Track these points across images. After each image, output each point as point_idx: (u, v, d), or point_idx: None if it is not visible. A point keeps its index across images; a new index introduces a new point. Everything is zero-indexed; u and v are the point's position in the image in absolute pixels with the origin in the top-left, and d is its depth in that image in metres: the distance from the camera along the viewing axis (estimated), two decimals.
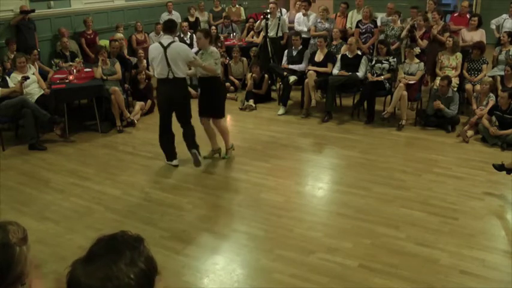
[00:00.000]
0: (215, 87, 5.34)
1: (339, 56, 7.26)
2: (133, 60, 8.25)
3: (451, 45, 7.01)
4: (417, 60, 6.99)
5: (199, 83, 5.48)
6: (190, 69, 5.36)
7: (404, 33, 7.69)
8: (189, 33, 9.13)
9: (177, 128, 5.37)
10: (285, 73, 7.41)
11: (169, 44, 4.95)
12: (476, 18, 7.58)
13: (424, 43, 7.52)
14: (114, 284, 1.05)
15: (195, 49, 6.89)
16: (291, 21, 8.83)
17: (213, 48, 5.33)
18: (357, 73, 6.95)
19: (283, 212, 4.41)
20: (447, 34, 7.39)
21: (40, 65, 7.36)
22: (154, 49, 5.06)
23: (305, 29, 8.37)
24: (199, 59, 5.14)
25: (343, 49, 7.49)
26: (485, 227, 4.16)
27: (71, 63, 7.48)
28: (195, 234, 4.08)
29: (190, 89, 5.72)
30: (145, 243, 1.16)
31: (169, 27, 5.15)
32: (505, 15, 8.13)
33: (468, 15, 8.26)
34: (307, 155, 5.89)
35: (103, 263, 1.08)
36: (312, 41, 8.16)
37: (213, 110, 5.42)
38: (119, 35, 8.61)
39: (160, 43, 5.02)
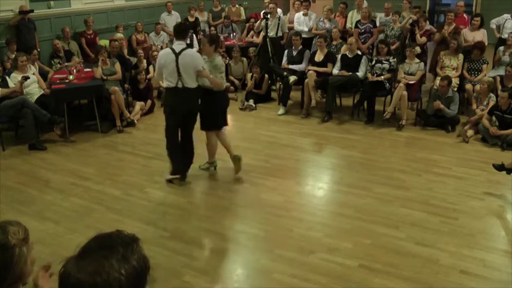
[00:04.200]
0: (215, 99, 4.90)
1: (339, 56, 7.26)
2: (133, 60, 8.25)
3: (455, 47, 7.01)
4: (417, 60, 6.99)
5: (202, 93, 4.87)
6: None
7: (405, 25, 7.70)
8: (188, 34, 9.11)
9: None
10: (285, 73, 7.41)
11: (181, 51, 4.58)
12: (478, 18, 7.56)
13: (423, 40, 7.53)
14: (103, 278, 1.05)
15: (195, 49, 6.84)
16: (291, 21, 8.84)
17: (219, 60, 4.91)
18: (357, 73, 6.95)
19: (283, 212, 4.41)
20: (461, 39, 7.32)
21: (40, 65, 7.36)
22: (165, 56, 4.66)
23: (306, 29, 8.38)
24: (207, 71, 4.71)
25: (343, 49, 7.50)
26: (485, 227, 4.16)
27: (66, 63, 7.49)
28: (195, 234, 4.08)
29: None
30: (140, 242, 1.17)
31: (181, 31, 4.76)
32: (506, 15, 8.12)
33: (465, 16, 8.26)
34: (307, 155, 5.89)
35: (94, 258, 1.09)
36: (315, 40, 8.16)
37: (209, 122, 5.00)
38: (119, 35, 8.62)
39: (173, 49, 4.64)
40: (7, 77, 6.27)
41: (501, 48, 7.39)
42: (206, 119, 4.98)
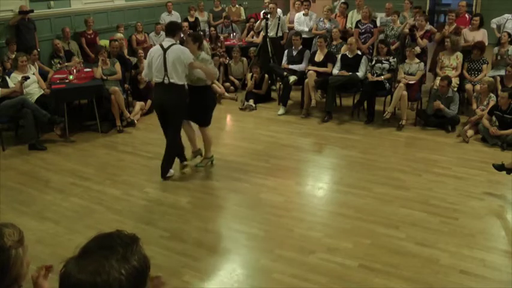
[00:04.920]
0: (206, 96, 5.14)
1: (339, 56, 7.26)
2: (133, 60, 8.25)
3: (450, 45, 7.02)
4: (417, 60, 6.99)
5: (189, 90, 5.06)
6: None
7: (403, 29, 7.69)
8: (179, 31, 9.10)
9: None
10: (285, 73, 7.41)
11: (169, 47, 4.76)
12: (478, 18, 7.55)
13: (424, 42, 7.52)
14: (103, 278, 1.05)
15: None
16: (291, 21, 8.84)
17: (203, 54, 5.15)
18: (357, 73, 6.95)
19: (283, 212, 4.41)
20: (458, 38, 7.28)
21: (40, 65, 7.36)
22: (154, 51, 4.87)
23: (306, 29, 8.38)
24: (198, 62, 4.90)
25: (343, 49, 7.50)
26: (485, 227, 4.16)
27: (66, 63, 7.49)
28: (195, 234, 4.08)
29: None
30: (140, 242, 1.17)
31: (171, 29, 4.92)
32: (507, 15, 8.11)
33: (467, 15, 8.25)
34: (307, 155, 5.89)
35: (95, 258, 1.09)
36: (315, 40, 8.16)
37: (201, 119, 5.22)
38: (119, 35, 8.62)
39: (161, 45, 4.83)
40: (7, 77, 6.27)
41: (496, 48, 7.40)
42: (196, 116, 5.15)
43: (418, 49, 7.26)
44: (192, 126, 5.34)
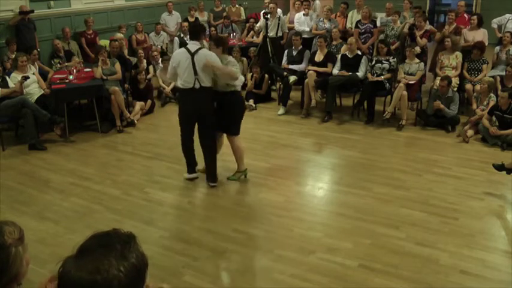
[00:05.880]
0: (234, 101, 4.87)
1: (339, 56, 7.26)
2: (133, 60, 8.25)
3: (450, 45, 7.02)
4: (417, 60, 6.99)
5: (216, 97, 4.81)
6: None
7: (403, 30, 7.69)
8: (203, 34, 9.11)
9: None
10: (285, 73, 7.41)
11: (196, 51, 4.58)
12: (475, 17, 7.55)
13: (423, 41, 7.52)
14: (103, 276, 1.06)
15: None
16: (291, 21, 8.84)
17: (230, 57, 4.91)
18: (357, 73, 6.95)
19: (283, 212, 4.41)
20: (458, 37, 7.28)
21: (40, 65, 7.36)
22: (180, 55, 4.66)
23: (307, 29, 8.37)
24: (219, 63, 4.64)
25: (343, 49, 7.50)
26: (485, 227, 4.16)
27: (66, 63, 7.50)
28: (195, 234, 4.08)
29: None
30: (137, 240, 1.17)
31: (196, 32, 4.77)
32: (508, 15, 8.09)
33: (466, 15, 8.25)
34: (307, 155, 5.89)
35: (93, 256, 1.10)
36: (315, 40, 8.15)
37: (230, 126, 4.94)
38: (119, 35, 8.63)
39: (187, 49, 4.63)
40: (7, 77, 6.28)
41: (497, 48, 7.39)
42: (224, 123, 4.92)
43: (418, 49, 7.26)
44: (219, 138, 5.12)
